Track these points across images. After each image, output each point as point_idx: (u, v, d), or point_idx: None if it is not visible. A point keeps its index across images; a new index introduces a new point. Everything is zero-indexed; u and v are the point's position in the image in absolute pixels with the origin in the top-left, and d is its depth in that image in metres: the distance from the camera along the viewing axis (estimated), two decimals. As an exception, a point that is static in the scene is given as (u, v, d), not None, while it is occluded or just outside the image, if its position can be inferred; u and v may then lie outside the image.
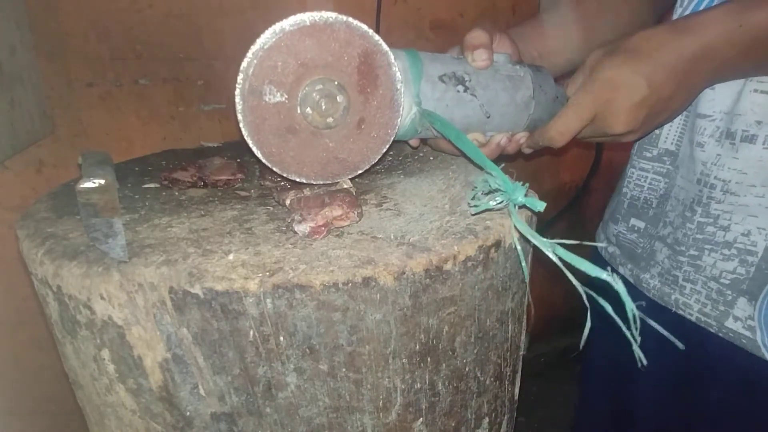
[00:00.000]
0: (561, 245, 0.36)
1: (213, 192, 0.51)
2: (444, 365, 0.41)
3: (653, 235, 0.67)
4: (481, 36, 0.51)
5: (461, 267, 0.39)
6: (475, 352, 0.43)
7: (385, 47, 0.43)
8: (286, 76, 0.41)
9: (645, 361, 0.37)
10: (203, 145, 0.67)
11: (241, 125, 0.41)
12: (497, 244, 0.41)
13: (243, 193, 0.50)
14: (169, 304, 0.35)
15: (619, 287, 0.34)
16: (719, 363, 0.61)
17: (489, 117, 0.52)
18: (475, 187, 0.40)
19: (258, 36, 0.40)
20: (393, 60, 0.44)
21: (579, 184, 1.55)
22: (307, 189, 0.46)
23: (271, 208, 0.46)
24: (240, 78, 0.40)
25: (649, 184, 0.68)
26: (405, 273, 0.37)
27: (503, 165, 0.51)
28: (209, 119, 1.04)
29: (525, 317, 0.49)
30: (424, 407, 0.42)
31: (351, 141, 0.45)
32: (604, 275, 0.34)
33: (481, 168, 0.41)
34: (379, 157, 0.47)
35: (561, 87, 0.57)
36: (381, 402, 0.40)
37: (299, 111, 0.42)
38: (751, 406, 0.60)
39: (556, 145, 0.55)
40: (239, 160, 0.57)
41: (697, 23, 0.49)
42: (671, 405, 0.64)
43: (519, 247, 0.40)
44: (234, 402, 0.38)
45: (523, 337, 0.51)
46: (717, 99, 0.57)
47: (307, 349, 0.37)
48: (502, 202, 0.39)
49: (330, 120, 0.43)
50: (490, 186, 0.40)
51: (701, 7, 0.57)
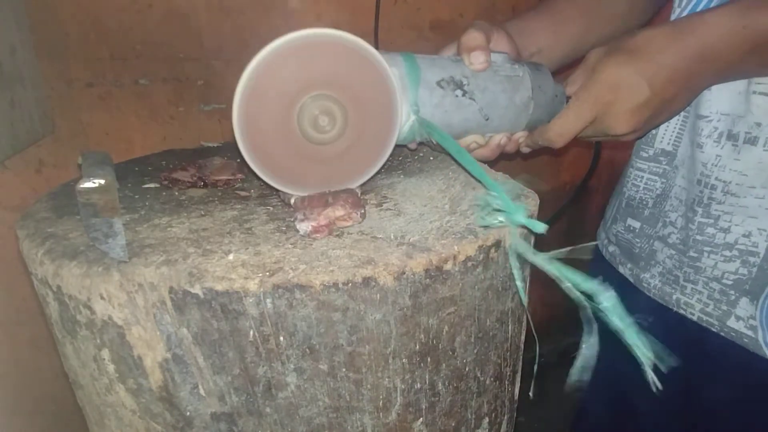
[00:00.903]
0: (559, 259, 0.36)
1: (213, 192, 0.51)
2: (444, 365, 0.41)
3: (651, 236, 0.67)
4: (477, 37, 0.51)
5: (461, 267, 0.39)
6: (475, 352, 0.43)
7: (383, 62, 0.43)
8: (283, 93, 0.41)
9: (660, 386, 0.37)
10: (203, 145, 0.67)
11: (240, 145, 0.41)
12: (497, 244, 0.40)
13: (243, 193, 0.50)
14: (169, 304, 0.35)
15: (616, 304, 0.34)
16: (721, 362, 0.61)
17: (488, 119, 0.52)
18: (479, 205, 0.40)
19: (256, 47, 0.40)
20: (390, 73, 0.43)
21: (579, 183, 1.54)
22: None
23: (271, 208, 0.46)
24: (237, 97, 0.40)
25: (645, 184, 0.68)
26: (405, 273, 0.37)
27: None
28: (209, 119, 1.04)
29: (525, 318, 0.49)
30: (424, 407, 0.42)
31: (350, 154, 0.45)
32: (596, 288, 0.35)
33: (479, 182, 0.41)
34: (379, 168, 0.47)
35: (560, 85, 0.56)
36: (381, 402, 0.40)
37: (297, 127, 0.43)
38: (753, 404, 0.60)
39: (555, 146, 0.55)
40: (239, 160, 0.57)
41: (700, 24, 0.49)
42: (672, 404, 0.64)
43: (516, 272, 0.40)
44: (234, 402, 0.38)
45: (522, 337, 0.50)
46: (713, 100, 0.57)
47: (307, 349, 0.37)
48: (503, 221, 0.39)
49: (328, 135, 0.43)
50: (491, 205, 0.40)
51: (700, 7, 0.57)
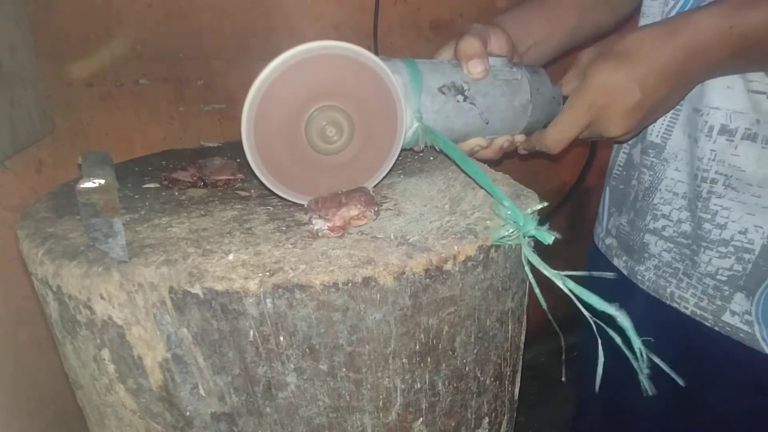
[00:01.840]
0: (570, 276, 0.37)
1: (213, 192, 0.51)
2: (444, 365, 0.41)
3: (641, 228, 0.68)
4: (474, 44, 0.51)
5: (461, 267, 0.39)
6: (475, 352, 0.43)
7: (387, 72, 0.43)
8: (291, 107, 0.42)
9: (652, 392, 0.37)
10: (203, 145, 0.67)
11: (249, 158, 0.42)
12: (497, 244, 0.41)
13: (243, 193, 0.50)
14: (169, 304, 0.35)
15: (625, 323, 0.35)
16: (716, 356, 0.62)
17: (488, 123, 0.52)
18: (490, 222, 0.41)
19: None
20: (394, 82, 0.44)
21: (575, 181, 1.54)
22: None
23: (271, 208, 0.46)
24: (246, 109, 0.40)
25: (638, 177, 0.68)
26: (405, 273, 0.37)
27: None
28: (209, 119, 1.04)
29: (525, 317, 0.49)
30: (424, 407, 0.42)
31: (356, 162, 0.46)
32: (611, 310, 0.35)
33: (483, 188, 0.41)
34: (384, 176, 0.47)
35: (557, 87, 0.57)
36: (381, 402, 0.40)
37: (305, 139, 0.43)
38: (750, 399, 0.61)
39: (553, 152, 0.56)
40: (239, 160, 0.57)
41: (688, 24, 0.49)
42: (669, 401, 0.64)
43: (531, 276, 0.41)
44: (234, 402, 0.38)
45: (523, 337, 0.51)
46: (706, 94, 0.58)
47: (307, 349, 0.37)
48: (513, 232, 0.39)
49: (335, 145, 0.44)
50: (500, 214, 0.40)
51: (688, 6, 0.57)
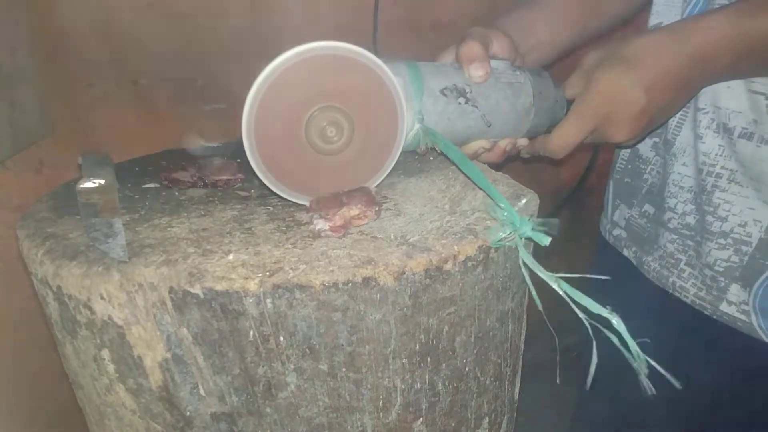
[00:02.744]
0: (565, 279, 0.37)
1: (213, 192, 0.51)
2: (444, 365, 0.41)
3: (657, 221, 0.69)
4: (475, 48, 0.51)
5: (461, 267, 0.39)
6: (475, 352, 0.43)
7: (389, 73, 0.43)
8: (292, 107, 0.42)
9: (653, 391, 0.37)
10: (203, 145, 0.67)
11: (249, 155, 0.42)
12: (496, 247, 0.41)
13: (243, 193, 0.50)
14: (169, 304, 0.35)
15: (620, 326, 0.35)
16: (716, 344, 0.63)
17: (490, 126, 0.52)
18: (488, 223, 0.41)
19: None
20: (396, 84, 0.44)
21: (577, 182, 1.54)
22: None
23: (271, 208, 0.46)
24: (246, 108, 0.40)
25: (649, 171, 0.70)
26: (405, 273, 0.37)
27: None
28: (209, 119, 1.04)
29: (525, 317, 0.49)
30: (424, 407, 0.42)
31: (356, 163, 0.45)
32: (605, 313, 0.35)
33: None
34: (384, 177, 0.47)
35: (560, 90, 0.57)
36: (381, 402, 0.40)
37: (306, 138, 0.43)
38: (749, 386, 0.61)
39: (557, 157, 0.56)
40: (239, 160, 0.57)
41: (695, 29, 0.49)
42: (670, 396, 0.65)
43: (528, 280, 0.41)
44: (234, 402, 0.38)
45: (523, 337, 0.51)
46: (708, 93, 0.58)
47: (307, 349, 0.37)
48: (510, 233, 0.39)
49: (335, 145, 0.44)
50: (497, 216, 0.40)
51: (699, 7, 0.57)
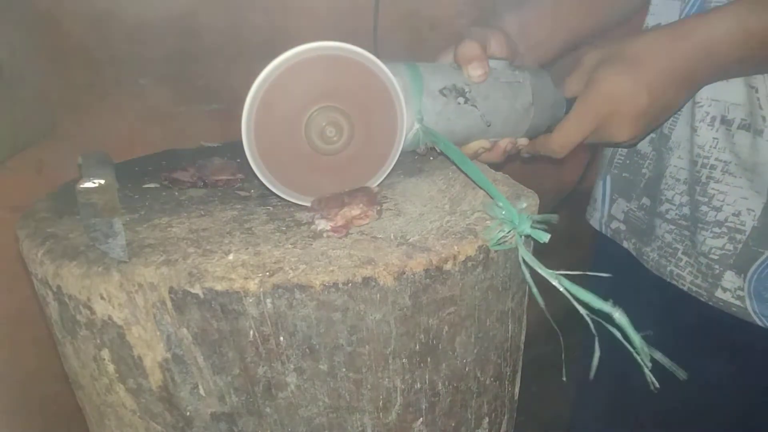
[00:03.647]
0: (565, 276, 0.37)
1: (213, 192, 0.51)
2: (444, 365, 0.41)
3: (654, 212, 0.69)
4: (473, 48, 0.51)
5: (461, 267, 0.39)
6: (475, 352, 0.43)
7: (388, 73, 0.43)
8: (291, 107, 0.42)
9: (657, 385, 0.37)
10: (203, 145, 0.67)
11: (248, 155, 0.42)
12: (496, 249, 0.41)
13: (243, 193, 0.50)
14: (169, 304, 0.35)
15: (622, 320, 0.35)
16: (712, 329, 0.64)
17: (490, 126, 0.52)
18: (488, 223, 0.41)
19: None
20: (395, 84, 0.44)
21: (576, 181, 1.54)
22: None
23: (271, 208, 0.46)
24: (246, 109, 0.40)
25: (647, 165, 0.71)
26: (405, 273, 0.37)
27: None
28: (209, 119, 1.04)
29: (525, 317, 0.49)
30: (424, 407, 0.42)
31: (355, 163, 0.45)
32: (607, 308, 0.35)
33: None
34: (384, 177, 0.47)
35: (560, 89, 0.57)
36: (381, 402, 0.40)
37: (305, 139, 0.43)
38: (744, 368, 0.62)
39: (558, 156, 0.56)
40: (239, 160, 0.57)
41: (699, 27, 0.49)
42: (670, 379, 0.65)
43: (529, 278, 0.40)
44: (234, 402, 0.38)
45: (522, 337, 0.51)
46: (707, 87, 0.58)
47: (307, 349, 0.37)
48: (509, 232, 0.39)
49: (335, 146, 0.44)
50: (495, 215, 0.40)
51: (696, 7, 0.57)
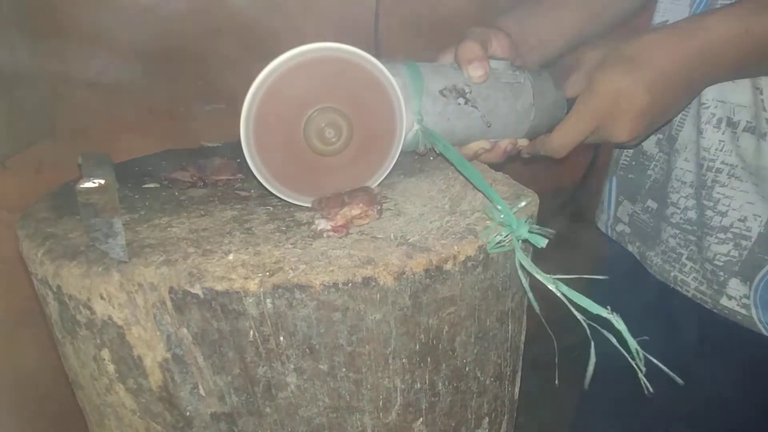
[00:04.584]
0: (563, 280, 0.37)
1: (213, 192, 0.51)
2: (444, 365, 0.41)
3: (659, 216, 0.69)
4: (473, 48, 0.51)
5: (461, 267, 0.39)
6: (475, 352, 0.43)
7: (387, 74, 0.43)
8: (290, 108, 0.42)
9: (651, 391, 0.37)
10: (203, 145, 0.67)
11: (247, 156, 0.42)
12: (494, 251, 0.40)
13: (243, 193, 0.50)
14: (169, 304, 0.35)
15: (620, 326, 0.34)
16: (716, 337, 0.63)
17: (490, 126, 0.52)
18: (486, 225, 0.41)
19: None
20: (394, 84, 0.44)
21: (577, 181, 1.54)
22: None
23: (271, 208, 0.46)
24: (245, 109, 0.40)
25: (653, 167, 0.70)
26: (405, 273, 0.37)
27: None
28: (209, 119, 1.04)
29: (525, 317, 0.49)
30: (424, 407, 0.42)
31: (354, 164, 0.45)
32: (604, 313, 0.35)
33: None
34: (383, 178, 0.47)
35: (560, 90, 0.57)
36: (381, 402, 0.40)
37: (304, 140, 0.43)
38: (748, 377, 0.61)
39: (558, 156, 0.55)
40: (239, 160, 0.57)
41: (701, 28, 0.49)
42: (671, 384, 0.65)
43: (525, 282, 0.41)
44: (234, 402, 0.38)
45: (523, 337, 0.51)
46: (713, 87, 0.58)
47: (307, 349, 0.37)
48: (507, 236, 0.39)
49: (334, 147, 0.44)
50: (494, 218, 0.40)
51: (702, 6, 0.57)
